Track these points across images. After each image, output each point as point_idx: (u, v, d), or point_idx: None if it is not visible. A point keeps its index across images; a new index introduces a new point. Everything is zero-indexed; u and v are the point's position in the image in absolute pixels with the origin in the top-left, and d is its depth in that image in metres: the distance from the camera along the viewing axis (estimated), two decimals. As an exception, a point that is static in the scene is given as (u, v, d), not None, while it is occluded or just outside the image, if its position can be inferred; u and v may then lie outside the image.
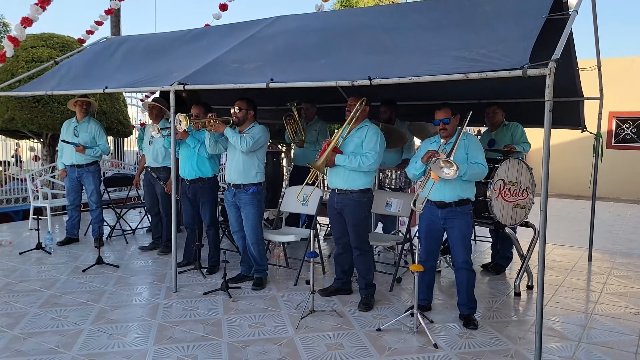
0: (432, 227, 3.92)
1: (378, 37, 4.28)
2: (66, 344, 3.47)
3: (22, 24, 6.53)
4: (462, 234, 3.81)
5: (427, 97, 6.28)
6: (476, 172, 3.73)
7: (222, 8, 8.27)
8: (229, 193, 4.70)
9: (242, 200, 4.61)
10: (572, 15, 3.47)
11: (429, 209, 3.91)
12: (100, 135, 6.10)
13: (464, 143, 3.82)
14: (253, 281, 4.73)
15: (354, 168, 4.08)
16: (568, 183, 12.65)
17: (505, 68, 3.08)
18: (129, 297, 4.45)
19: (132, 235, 6.95)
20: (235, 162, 4.61)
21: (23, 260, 5.58)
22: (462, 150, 3.79)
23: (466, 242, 3.84)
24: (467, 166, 3.69)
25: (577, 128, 6.07)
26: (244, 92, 4.63)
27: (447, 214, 3.82)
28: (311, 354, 3.36)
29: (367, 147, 4.09)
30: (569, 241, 7.07)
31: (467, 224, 3.83)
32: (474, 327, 3.82)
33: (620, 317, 4.15)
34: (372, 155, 4.04)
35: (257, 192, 4.61)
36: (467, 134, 3.94)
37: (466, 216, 3.82)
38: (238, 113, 4.56)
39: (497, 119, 5.25)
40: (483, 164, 3.77)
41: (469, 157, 3.77)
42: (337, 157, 4.11)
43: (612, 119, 12.83)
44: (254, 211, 4.62)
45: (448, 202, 3.79)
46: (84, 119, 6.07)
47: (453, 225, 3.82)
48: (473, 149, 3.81)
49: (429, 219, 3.93)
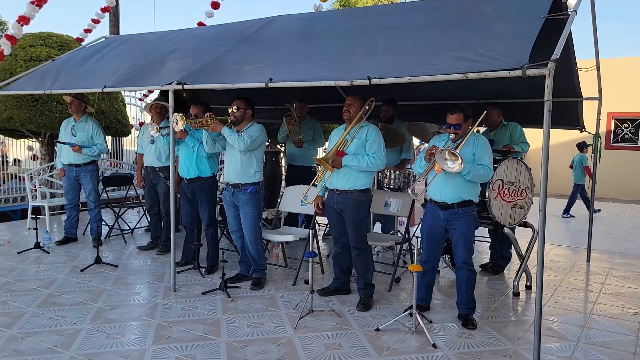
0: (434, 228, 3.91)
1: (377, 37, 4.27)
2: (64, 344, 3.46)
3: (19, 22, 6.52)
4: (463, 235, 3.80)
5: (426, 96, 6.29)
6: (480, 173, 3.69)
7: (214, 6, 8.26)
8: (227, 193, 4.70)
9: (241, 199, 4.61)
10: (571, 16, 3.47)
11: (432, 210, 3.90)
12: (98, 134, 6.09)
13: (473, 142, 3.79)
14: (252, 281, 4.73)
15: (362, 168, 4.08)
16: (567, 183, 12.65)
17: (504, 68, 3.08)
18: (127, 296, 4.45)
19: (131, 234, 6.94)
20: (234, 161, 4.61)
21: (21, 260, 5.57)
22: (469, 148, 3.76)
23: (467, 244, 3.83)
24: (472, 166, 3.67)
25: (576, 128, 6.07)
26: (242, 92, 4.63)
27: (449, 216, 3.81)
28: (310, 353, 3.36)
29: (371, 148, 4.09)
30: (568, 241, 7.08)
31: (469, 226, 3.81)
32: (473, 327, 3.83)
33: (618, 317, 4.16)
34: (379, 156, 4.06)
35: (255, 191, 4.61)
36: (478, 134, 3.92)
37: (468, 218, 3.80)
38: (236, 112, 4.56)
39: (492, 120, 5.23)
40: (489, 166, 3.73)
41: (476, 157, 3.74)
42: (345, 158, 4.10)
43: (611, 119, 12.85)
44: (253, 211, 4.61)
45: (450, 204, 3.78)
46: (81, 119, 6.07)
47: (455, 226, 3.81)
48: (481, 149, 3.77)
49: (431, 220, 3.92)
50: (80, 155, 6.01)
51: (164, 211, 5.84)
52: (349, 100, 4.18)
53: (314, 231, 4.86)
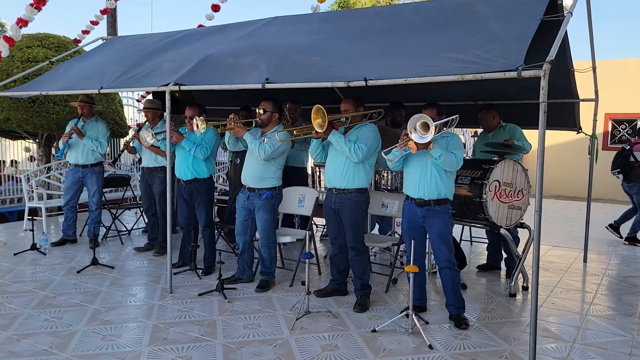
0: (413, 225, 3.94)
1: (374, 38, 4.28)
2: (60, 345, 3.45)
3: (18, 24, 6.51)
4: (440, 232, 3.83)
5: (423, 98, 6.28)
6: (451, 159, 3.70)
7: (215, 9, 8.26)
8: (242, 195, 4.68)
9: (256, 204, 4.59)
10: (566, 17, 3.48)
11: (409, 207, 3.94)
12: (104, 135, 6.16)
13: (447, 138, 3.83)
14: (258, 283, 4.71)
15: (343, 150, 4.05)
16: (563, 184, 12.67)
17: (500, 69, 3.09)
18: (123, 298, 4.44)
19: (128, 236, 6.93)
20: (252, 165, 4.57)
21: (17, 261, 5.56)
22: (442, 141, 3.80)
23: (445, 240, 3.85)
24: (445, 152, 3.69)
25: (572, 129, 6.08)
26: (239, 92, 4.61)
27: (425, 213, 3.84)
28: (306, 355, 3.36)
29: (359, 141, 4.10)
30: (565, 242, 7.09)
31: (446, 223, 3.85)
32: (466, 327, 3.83)
33: (614, 318, 4.16)
34: (363, 148, 4.02)
35: (270, 197, 4.58)
36: (452, 133, 3.95)
37: (444, 215, 3.84)
38: (262, 115, 4.49)
39: (487, 122, 5.23)
40: (458, 157, 3.74)
41: (449, 149, 3.78)
42: (334, 132, 4.07)
43: (608, 121, 12.87)
44: (267, 216, 4.59)
45: (427, 200, 3.81)
46: (91, 119, 6.15)
47: (432, 224, 3.85)
48: (454, 144, 3.81)
49: (409, 217, 3.96)
50: (87, 157, 6.05)
51: (160, 212, 5.83)
52: (344, 105, 4.19)
53: (310, 232, 4.86)
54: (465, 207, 4.55)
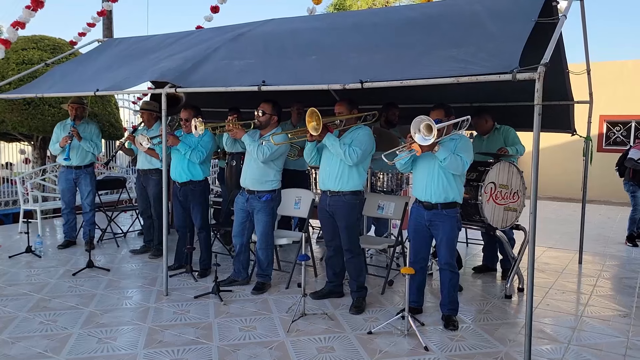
0: (419, 228, 3.94)
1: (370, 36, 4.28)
2: (55, 348, 3.44)
3: (14, 26, 6.49)
4: (446, 236, 3.83)
5: (418, 99, 6.30)
6: (456, 162, 3.66)
7: (214, 10, 8.27)
8: (241, 197, 4.67)
9: (255, 207, 4.59)
10: (560, 20, 3.50)
11: (416, 210, 3.94)
12: (97, 135, 6.15)
13: (455, 140, 3.81)
14: (254, 285, 4.71)
15: (338, 153, 4.04)
16: (559, 186, 12.72)
17: (495, 70, 3.10)
18: (119, 300, 4.43)
19: (124, 238, 6.91)
20: (251, 168, 4.56)
21: (12, 264, 5.53)
22: (450, 143, 3.79)
23: (450, 245, 3.86)
24: (451, 154, 3.66)
25: (567, 132, 6.10)
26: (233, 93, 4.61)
27: (432, 216, 3.83)
28: (302, 357, 3.36)
29: (353, 143, 4.08)
30: (560, 244, 7.11)
31: (452, 227, 3.83)
32: (453, 328, 3.84)
33: (609, 319, 4.18)
34: (357, 151, 4.01)
35: (270, 199, 4.57)
36: (462, 135, 3.95)
37: (452, 219, 3.82)
38: (261, 117, 4.49)
39: (480, 126, 5.22)
40: (465, 160, 3.71)
41: (456, 151, 3.76)
42: (329, 134, 4.05)
43: (603, 122, 12.94)
44: (266, 219, 4.58)
45: (434, 203, 3.80)
46: (83, 120, 6.12)
47: (438, 228, 3.84)
48: (461, 147, 3.78)
49: (416, 220, 3.95)
50: (80, 157, 6.03)
51: (155, 214, 5.82)
52: (338, 108, 4.20)
53: (307, 234, 4.86)
54: (461, 209, 4.56)
